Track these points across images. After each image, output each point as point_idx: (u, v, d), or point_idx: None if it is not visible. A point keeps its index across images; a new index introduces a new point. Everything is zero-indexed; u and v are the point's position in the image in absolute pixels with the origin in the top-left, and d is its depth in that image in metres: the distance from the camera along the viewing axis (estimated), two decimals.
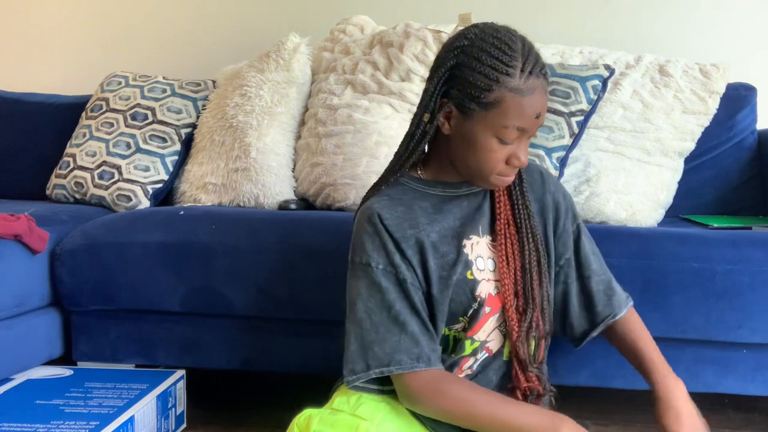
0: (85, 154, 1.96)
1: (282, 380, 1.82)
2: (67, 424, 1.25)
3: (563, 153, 1.63)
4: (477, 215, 1.07)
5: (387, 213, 1.02)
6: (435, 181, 1.07)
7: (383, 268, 1.00)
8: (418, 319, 1.00)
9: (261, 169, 1.82)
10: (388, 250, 1.01)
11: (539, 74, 0.97)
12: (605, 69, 1.71)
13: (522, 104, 0.95)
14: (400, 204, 1.04)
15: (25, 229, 1.44)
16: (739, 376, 1.40)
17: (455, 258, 1.03)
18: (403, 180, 1.08)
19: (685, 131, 1.76)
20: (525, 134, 0.99)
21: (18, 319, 1.47)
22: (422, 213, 1.04)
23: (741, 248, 1.37)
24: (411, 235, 1.02)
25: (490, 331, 1.06)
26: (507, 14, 2.23)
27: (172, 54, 2.47)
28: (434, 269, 1.02)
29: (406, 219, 1.03)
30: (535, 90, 0.96)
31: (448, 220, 1.05)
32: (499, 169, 1.00)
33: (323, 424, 0.93)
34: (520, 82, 0.95)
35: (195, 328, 1.53)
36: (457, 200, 1.07)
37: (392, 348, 0.98)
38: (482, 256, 1.05)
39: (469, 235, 1.05)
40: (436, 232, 1.03)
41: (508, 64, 0.95)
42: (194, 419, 1.55)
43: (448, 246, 1.03)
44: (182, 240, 1.50)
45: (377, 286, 1.00)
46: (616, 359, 1.40)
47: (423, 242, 1.02)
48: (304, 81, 1.94)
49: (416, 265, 1.02)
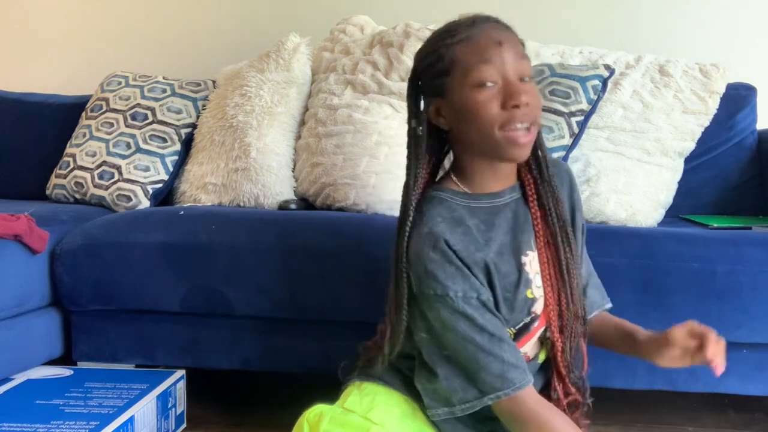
0: (85, 154, 1.96)
1: (282, 380, 1.81)
2: (67, 424, 1.25)
3: (563, 153, 1.63)
4: (526, 227, 1.01)
5: (451, 236, 0.95)
6: (478, 192, 1.01)
7: (463, 295, 0.94)
8: (506, 333, 0.97)
9: (261, 169, 1.82)
10: (465, 275, 0.94)
11: (485, 20, 0.97)
12: (605, 69, 1.71)
13: (475, 42, 0.94)
14: (457, 224, 0.97)
15: (25, 229, 1.44)
16: (739, 376, 1.39)
17: (517, 278, 0.98)
18: (445, 196, 1.00)
19: (685, 131, 1.76)
20: (498, 69, 0.93)
21: (18, 319, 1.47)
22: (477, 232, 0.97)
23: (741, 248, 1.37)
24: (480, 259, 0.96)
25: (533, 344, 1.03)
26: (507, 14, 2.21)
27: (172, 54, 2.47)
28: (500, 290, 0.97)
29: (469, 241, 0.96)
30: (485, 27, 0.96)
31: (500, 236, 0.99)
32: (497, 118, 0.93)
33: (333, 424, 0.91)
34: (465, 32, 0.95)
35: (195, 328, 1.53)
36: (503, 210, 1.01)
37: (500, 370, 0.93)
38: (538, 272, 1.00)
39: (525, 251, 1.00)
40: (494, 251, 0.97)
41: (449, 30, 0.98)
42: (194, 419, 1.55)
43: (508, 265, 0.98)
44: (182, 240, 1.50)
45: (463, 315, 0.94)
46: (616, 359, 1.40)
47: (488, 264, 0.96)
48: (304, 81, 1.94)
49: (487, 287, 0.97)
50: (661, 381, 1.41)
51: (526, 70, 0.96)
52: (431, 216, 0.97)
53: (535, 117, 0.95)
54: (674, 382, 1.41)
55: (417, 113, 1.01)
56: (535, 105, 0.95)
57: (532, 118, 0.94)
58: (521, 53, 0.96)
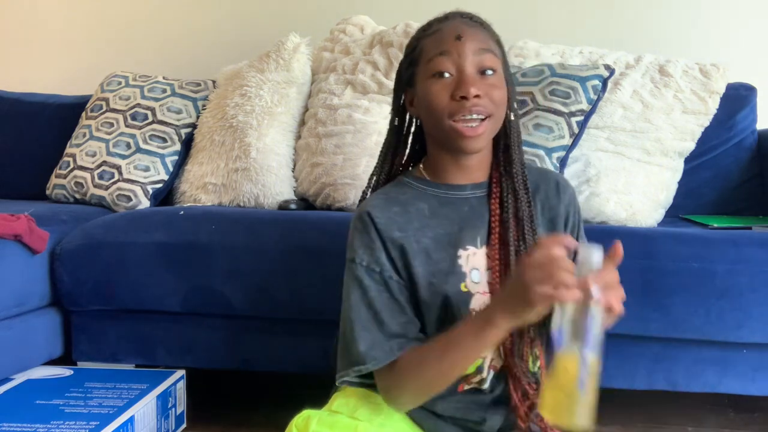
0: (85, 154, 1.96)
1: (282, 380, 1.81)
2: (67, 424, 1.25)
3: (563, 153, 1.63)
4: (478, 223, 1.01)
5: (378, 212, 1.00)
6: (437, 182, 1.04)
7: (366, 265, 0.98)
8: (402, 317, 0.98)
9: (261, 169, 1.82)
10: (374, 248, 0.98)
11: (457, 16, 1.01)
12: (605, 69, 1.71)
13: (439, 35, 0.98)
14: (396, 204, 1.01)
15: (25, 229, 1.44)
16: (739, 376, 1.39)
17: (448, 268, 0.98)
18: (406, 179, 1.06)
19: (685, 131, 1.76)
20: (455, 62, 0.95)
21: (18, 319, 1.47)
22: (417, 215, 1.00)
23: (741, 248, 1.37)
24: (397, 238, 0.98)
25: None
26: (507, 14, 2.23)
27: (172, 54, 2.47)
28: (422, 274, 0.98)
29: (396, 221, 0.99)
30: (453, 22, 0.99)
31: (445, 225, 1.00)
32: (446, 108, 0.95)
33: (322, 425, 0.92)
34: (436, 26, 1.00)
35: (195, 328, 1.53)
36: (457, 203, 1.02)
37: (368, 346, 0.95)
38: (479, 268, 1.00)
39: (465, 246, 1.00)
40: (429, 237, 0.99)
41: (427, 24, 1.03)
42: (194, 419, 1.55)
43: (443, 253, 0.99)
44: (182, 240, 1.50)
45: (358, 282, 0.98)
46: (616, 359, 1.41)
47: (409, 247, 0.98)
48: (304, 81, 1.94)
49: (400, 268, 0.99)
50: (661, 381, 1.41)
51: (488, 64, 0.96)
52: (377, 192, 1.04)
53: (489, 110, 0.95)
54: (674, 382, 1.41)
55: (396, 105, 1.07)
56: (492, 99, 0.96)
57: (486, 111, 0.95)
58: (485, 48, 0.97)
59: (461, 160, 1.02)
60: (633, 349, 1.40)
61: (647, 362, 1.41)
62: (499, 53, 0.99)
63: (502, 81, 0.98)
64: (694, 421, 1.62)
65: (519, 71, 1.77)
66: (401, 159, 1.08)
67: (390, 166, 1.08)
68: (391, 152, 1.08)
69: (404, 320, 0.98)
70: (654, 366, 1.41)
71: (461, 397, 1.02)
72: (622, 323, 1.34)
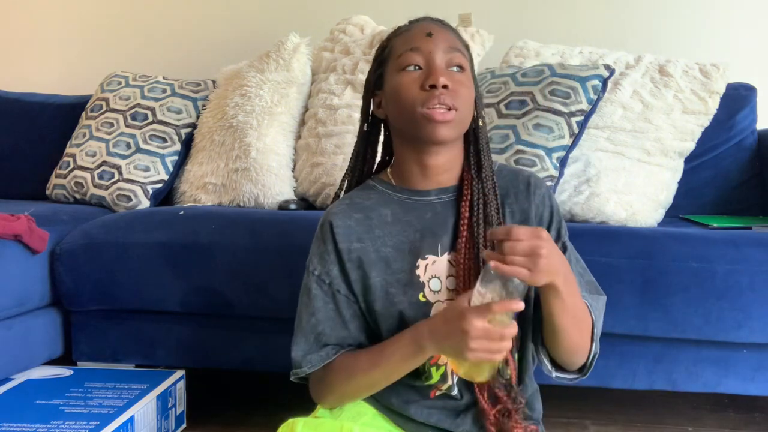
0: (85, 154, 1.96)
1: (282, 380, 1.81)
2: (67, 424, 1.25)
3: (563, 153, 1.63)
4: (440, 230, 1.00)
5: (340, 221, 1.01)
6: (401, 187, 1.04)
7: (318, 275, 1.01)
8: (342, 331, 1.00)
9: (261, 169, 1.82)
10: (328, 260, 1.00)
11: (429, 19, 1.02)
12: (605, 69, 1.71)
13: (407, 34, 1.01)
14: (359, 210, 1.02)
15: (25, 229, 1.44)
16: (739, 376, 1.39)
17: (406, 279, 0.99)
18: (372, 183, 1.06)
19: (685, 131, 1.76)
20: (424, 56, 0.97)
21: (18, 319, 1.47)
22: (379, 222, 1.01)
23: (741, 248, 1.37)
24: (356, 249, 1.00)
25: None
26: (507, 14, 2.23)
27: (172, 54, 2.47)
28: (380, 285, 0.99)
29: (357, 230, 1.00)
30: (420, 23, 1.01)
31: (408, 233, 1.00)
32: (417, 97, 0.96)
33: (307, 428, 0.93)
34: (407, 27, 1.03)
35: (195, 328, 1.53)
36: (421, 209, 1.02)
37: (304, 352, 1.01)
38: (439, 276, 0.99)
39: (425, 255, 0.99)
40: (390, 246, 1.00)
41: (394, 31, 1.05)
42: (194, 419, 1.55)
43: (402, 263, 0.99)
44: (182, 240, 1.50)
45: (307, 290, 1.02)
46: (616, 359, 1.41)
47: (367, 258, 0.99)
48: (304, 81, 1.94)
49: (354, 280, 1.00)
50: (661, 381, 1.41)
51: (456, 61, 0.99)
52: (344, 197, 1.06)
53: (456, 104, 0.96)
54: (674, 382, 1.41)
55: (364, 110, 1.08)
56: (459, 93, 0.97)
57: (452, 104, 0.96)
58: (454, 47, 0.99)
59: (427, 161, 1.01)
60: (633, 349, 1.40)
61: (647, 362, 1.41)
62: (467, 57, 1.01)
63: (470, 82, 1.00)
64: (694, 421, 1.62)
65: (519, 71, 1.77)
66: (371, 165, 1.10)
67: (360, 172, 1.09)
68: (361, 158, 1.09)
69: (344, 335, 1.01)
70: (654, 366, 1.41)
71: (433, 403, 1.03)
72: (622, 323, 1.36)
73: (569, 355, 1.00)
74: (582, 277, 1.03)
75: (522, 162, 1.60)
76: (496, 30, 1.96)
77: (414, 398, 1.03)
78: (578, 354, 1.00)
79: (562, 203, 1.63)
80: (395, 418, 1.05)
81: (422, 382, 1.01)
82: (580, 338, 0.98)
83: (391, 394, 1.03)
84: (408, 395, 1.03)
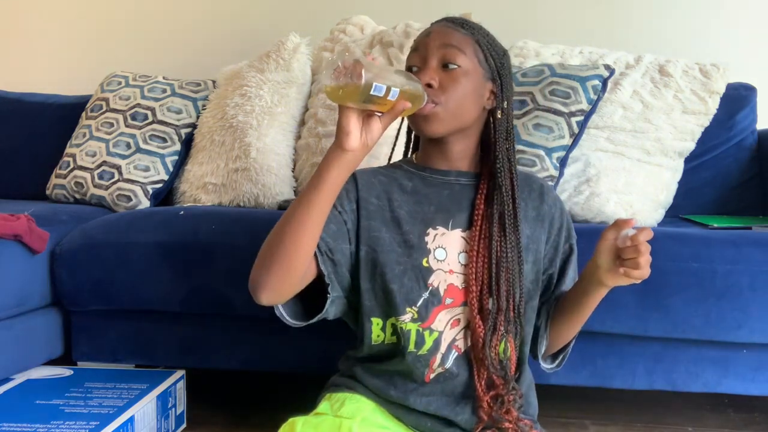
0: (85, 154, 1.96)
1: (282, 380, 1.82)
2: (67, 424, 1.25)
3: (563, 153, 1.63)
4: (454, 208, 1.07)
5: (365, 176, 1.09)
6: (423, 165, 1.11)
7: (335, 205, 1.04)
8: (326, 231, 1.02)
9: (261, 169, 1.82)
10: (346, 197, 1.05)
11: (438, 22, 1.08)
12: (605, 69, 1.71)
13: (417, 37, 1.08)
14: (384, 176, 1.10)
15: (25, 229, 1.44)
16: (739, 376, 1.40)
17: (414, 242, 1.04)
18: (400, 162, 1.16)
19: (685, 131, 1.76)
20: (421, 55, 1.04)
21: (18, 319, 1.46)
22: (398, 189, 1.08)
23: (741, 248, 1.37)
24: (374, 203, 1.06)
25: (447, 321, 1.03)
26: (507, 14, 2.23)
27: (172, 54, 2.47)
28: (388, 241, 1.04)
29: (378, 188, 1.08)
30: (434, 24, 1.08)
31: (423, 204, 1.07)
32: None
33: (307, 426, 0.94)
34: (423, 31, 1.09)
35: (195, 328, 1.53)
36: (440, 186, 1.08)
37: None
38: (445, 247, 1.04)
39: (436, 225, 1.05)
40: (404, 210, 1.06)
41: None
42: (194, 419, 1.55)
43: (413, 226, 1.05)
44: (182, 240, 1.50)
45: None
46: (616, 359, 1.41)
47: (381, 214, 1.06)
48: (304, 81, 1.94)
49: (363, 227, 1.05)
50: (661, 381, 1.41)
51: (449, 58, 1.03)
52: (377, 166, 1.15)
53: (441, 98, 1.01)
54: (674, 382, 1.41)
55: None
56: (446, 89, 1.02)
57: (437, 98, 1.01)
58: (448, 44, 1.03)
59: (442, 147, 1.08)
60: (633, 349, 1.40)
61: (647, 362, 1.41)
62: (473, 52, 1.04)
63: (468, 77, 1.03)
64: (694, 421, 1.62)
65: (519, 71, 1.77)
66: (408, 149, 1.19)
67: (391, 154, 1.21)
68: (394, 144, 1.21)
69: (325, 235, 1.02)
70: (654, 366, 1.41)
71: (431, 389, 1.04)
72: (622, 323, 1.36)
73: (562, 342, 1.12)
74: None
75: (522, 162, 1.60)
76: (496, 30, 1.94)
77: (411, 386, 1.05)
78: (566, 341, 1.12)
79: None
80: (395, 411, 1.06)
81: (417, 351, 1.03)
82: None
83: (389, 386, 1.06)
84: (405, 385, 1.05)
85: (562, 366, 1.15)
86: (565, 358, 1.14)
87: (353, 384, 1.09)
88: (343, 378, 1.12)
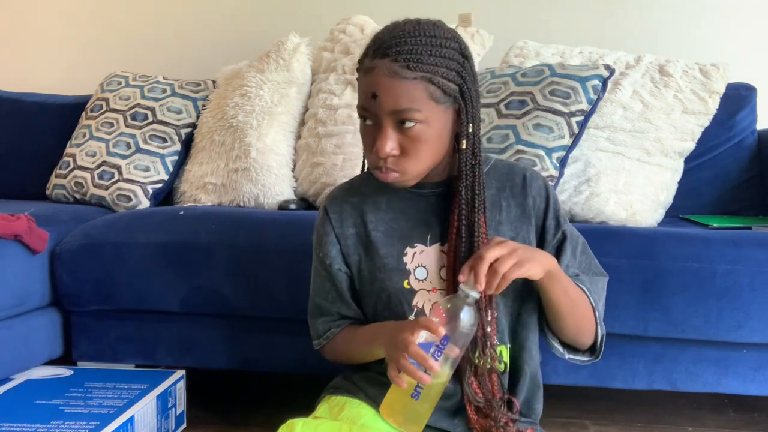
0: (85, 154, 1.96)
1: (282, 380, 1.82)
2: (67, 424, 1.25)
3: (563, 153, 1.63)
4: (432, 220, 1.03)
5: (336, 206, 1.08)
6: None
7: (321, 256, 1.09)
8: (344, 307, 1.10)
9: (261, 169, 1.82)
10: (327, 242, 1.07)
11: (382, 54, 0.93)
12: (605, 69, 1.71)
13: (362, 83, 0.96)
14: (355, 196, 1.08)
15: (25, 229, 1.44)
16: (739, 376, 1.40)
17: (393, 265, 1.03)
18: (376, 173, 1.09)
19: (685, 131, 1.76)
20: (375, 114, 0.94)
21: (18, 319, 1.47)
22: (373, 208, 1.06)
23: (741, 248, 1.37)
24: (350, 234, 1.06)
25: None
26: (507, 14, 2.23)
27: (172, 54, 2.47)
28: (367, 268, 1.06)
29: (351, 214, 1.07)
30: (373, 69, 0.93)
31: (399, 221, 1.04)
32: (369, 155, 0.97)
33: (307, 428, 0.93)
34: (365, 62, 0.96)
35: (195, 328, 1.53)
36: (415, 200, 1.04)
37: (325, 326, 1.12)
38: (426, 265, 1.02)
39: (414, 243, 1.03)
40: (381, 231, 1.05)
41: (360, 58, 0.99)
42: (194, 419, 1.55)
43: (390, 248, 1.04)
44: (182, 240, 1.50)
45: (315, 269, 1.12)
46: (616, 359, 1.41)
47: (360, 242, 1.06)
48: (304, 81, 1.94)
49: (351, 263, 1.07)
50: (661, 381, 1.41)
51: (404, 117, 0.92)
52: (347, 182, 1.12)
53: (402, 166, 0.95)
54: (674, 382, 1.41)
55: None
56: (408, 154, 0.94)
57: (397, 167, 0.95)
58: (399, 108, 0.92)
59: None
60: (633, 349, 1.40)
61: (647, 362, 1.41)
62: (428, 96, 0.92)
63: (429, 125, 0.94)
64: (694, 421, 1.62)
65: (519, 71, 1.77)
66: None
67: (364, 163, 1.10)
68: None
69: (344, 310, 1.10)
70: (654, 366, 1.41)
71: None
72: (622, 323, 1.36)
73: (575, 336, 1.04)
74: (590, 262, 1.08)
75: (522, 162, 1.60)
76: (496, 30, 1.96)
77: None
78: (583, 335, 1.04)
79: (562, 203, 1.63)
80: None
81: None
82: (582, 318, 1.02)
83: None
84: None
85: (578, 362, 1.08)
86: (602, 346, 1.05)
87: (353, 389, 1.08)
88: (343, 381, 1.12)
